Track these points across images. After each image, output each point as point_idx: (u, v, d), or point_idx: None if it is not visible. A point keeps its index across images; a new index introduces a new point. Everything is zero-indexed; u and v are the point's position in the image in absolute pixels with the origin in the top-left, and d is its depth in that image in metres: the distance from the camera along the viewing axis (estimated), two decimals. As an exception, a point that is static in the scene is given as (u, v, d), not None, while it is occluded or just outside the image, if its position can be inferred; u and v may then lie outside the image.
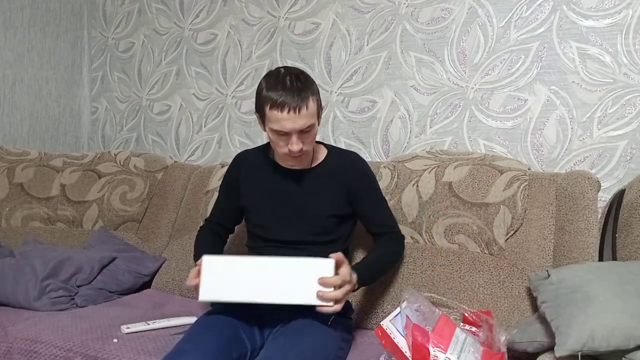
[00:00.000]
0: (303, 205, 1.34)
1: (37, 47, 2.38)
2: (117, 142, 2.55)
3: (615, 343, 1.01)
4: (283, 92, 1.19)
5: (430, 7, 1.88)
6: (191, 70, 2.35)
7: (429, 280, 1.49)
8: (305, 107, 1.20)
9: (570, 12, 1.68)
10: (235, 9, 2.25)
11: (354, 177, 1.38)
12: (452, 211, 1.55)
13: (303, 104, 1.19)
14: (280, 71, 1.25)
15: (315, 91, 1.26)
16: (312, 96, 1.22)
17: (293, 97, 1.19)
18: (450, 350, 1.08)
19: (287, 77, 1.22)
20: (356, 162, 1.42)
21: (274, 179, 1.38)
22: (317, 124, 1.27)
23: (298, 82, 1.21)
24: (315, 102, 1.24)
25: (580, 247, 1.38)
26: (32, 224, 2.04)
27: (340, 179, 1.36)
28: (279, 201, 1.36)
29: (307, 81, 1.24)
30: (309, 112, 1.21)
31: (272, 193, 1.37)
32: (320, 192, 1.35)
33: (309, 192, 1.35)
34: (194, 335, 1.14)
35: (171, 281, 1.81)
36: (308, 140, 1.26)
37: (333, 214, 1.35)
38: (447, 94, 1.86)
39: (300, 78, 1.23)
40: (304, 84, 1.22)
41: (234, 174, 1.46)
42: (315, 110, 1.24)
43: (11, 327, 1.39)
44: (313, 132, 1.26)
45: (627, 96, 1.61)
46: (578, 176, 1.48)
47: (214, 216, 1.52)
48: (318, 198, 1.35)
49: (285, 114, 1.19)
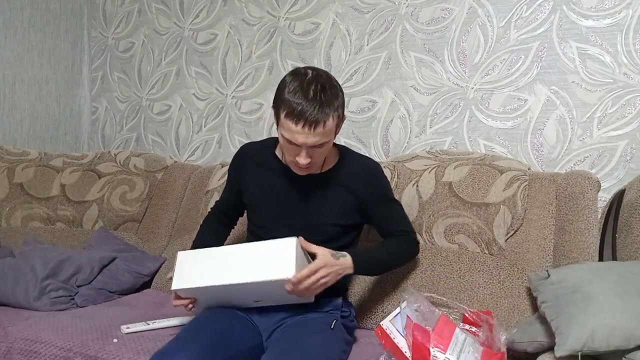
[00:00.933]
0: (308, 212, 1.30)
1: (37, 47, 2.38)
2: (117, 142, 2.55)
3: (615, 343, 1.01)
4: (303, 103, 1.11)
5: (430, 7, 1.88)
6: (191, 70, 2.35)
7: (429, 280, 1.49)
8: (323, 125, 1.12)
9: (570, 12, 1.68)
10: (235, 9, 2.25)
11: (365, 187, 1.31)
12: (452, 211, 1.54)
13: (321, 121, 1.12)
14: (307, 75, 1.16)
15: (339, 106, 1.17)
16: (333, 113, 1.14)
17: (312, 111, 1.11)
18: (450, 350, 1.08)
19: (313, 85, 1.13)
20: (369, 170, 1.34)
21: (280, 181, 1.32)
22: (332, 138, 1.20)
23: (323, 94, 1.12)
24: (335, 118, 1.16)
25: (580, 247, 1.38)
26: (32, 224, 2.04)
27: (350, 188, 1.31)
28: (284, 205, 1.32)
29: (332, 94, 1.15)
30: (325, 130, 1.14)
31: (277, 196, 1.32)
32: (327, 200, 1.30)
33: (316, 199, 1.30)
34: (185, 335, 1.14)
35: (171, 281, 1.80)
36: (318, 154, 1.20)
37: (339, 224, 1.31)
38: (447, 94, 1.86)
39: (325, 89, 1.14)
40: (329, 97, 1.14)
41: (237, 166, 1.41)
42: (333, 127, 1.17)
43: (11, 327, 1.39)
44: (326, 147, 1.20)
45: (627, 96, 1.61)
46: (578, 176, 1.48)
47: (220, 204, 1.51)
48: (325, 206, 1.30)
49: (300, 128, 1.12)
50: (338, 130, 1.24)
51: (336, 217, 1.31)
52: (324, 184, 1.31)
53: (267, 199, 1.34)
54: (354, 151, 1.40)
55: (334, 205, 1.31)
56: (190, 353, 1.05)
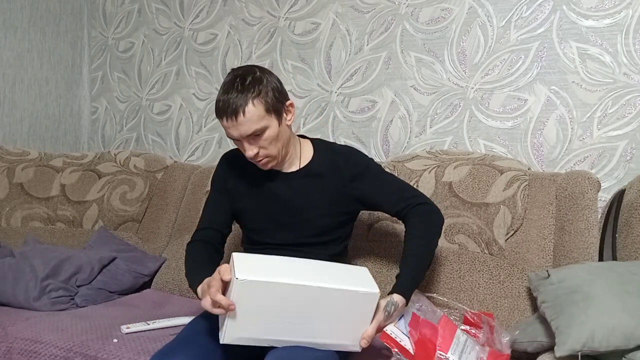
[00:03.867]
0: (296, 208, 1.29)
1: (37, 47, 2.38)
2: (117, 142, 2.55)
3: (615, 343, 1.01)
4: (223, 97, 1.15)
5: (430, 7, 1.88)
6: (191, 70, 2.35)
7: (429, 280, 1.49)
8: (242, 114, 1.13)
9: (570, 12, 1.68)
10: (235, 9, 2.25)
11: (345, 169, 1.29)
12: (452, 211, 1.55)
13: (239, 108, 1.13)
14: (234, 70, 1.20)
15: (263, 90, 1.16)
16: (254, 98, 1.14)
17: (230, 103, 1.13)
18: (451, 350, 1.08)
19: (231, 77, 1.17)
20: (343, 153, 1.33)
21: (264, 183, 1.32)
22: (274, 125, 1.18)
23: (241, 84, 1.14)
24: (260, 104, 1.15)
25: (580, 247, 1.38)
26: (32, 224, 2.04)
27: (334, 179, 1.29)
28: (272, 205, 1.31)
29: (253, 80, 1.16)
30: (248, 118, 1.14)
31: (264, 197, 1.32)
32: (312, 194, 1.29)
33: (301, 195, 1.30)
34: (185, 335, 1.13)
35: (171, 281, 1.81)
36: (266, 143, 1.19)
37: (327, 215, 1.30)
38: (447, 94, 1.86)
39: (245, 79, 1.15)
40: (248, 85, 1.15)
41: (225, 173, 1.38)
42: (262, 113, 1.15)
43: (11, 327, 1.39)
44: (270, 134, 1.18)
45: (627, 96, 1.61)
46: (578, 176, 1.48)
47: (207, 223, 1.35)
48: (311, 200, 1.29)
49: (226, 122, 1.16)
50: (284, 117, 1.22)
51: (325, 207, 1.29)
52: (306, 178, 1.30)
53: (255, 201, 1.33)
54: (327, 141, 1.39)
55: (319, 198, 1.30)
56: (190, 353, 1.05)
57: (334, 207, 1.31)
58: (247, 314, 0.99)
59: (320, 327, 1.03)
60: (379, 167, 1.34)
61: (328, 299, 1.00)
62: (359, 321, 1.05)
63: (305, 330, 1.03)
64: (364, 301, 1.03)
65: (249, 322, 1.00)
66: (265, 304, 0.98)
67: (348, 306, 1.02)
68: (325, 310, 1.01)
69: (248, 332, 1.01)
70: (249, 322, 1.00)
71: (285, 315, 1.00)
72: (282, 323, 1.01)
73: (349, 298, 1.01)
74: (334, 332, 1.04)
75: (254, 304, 0.98)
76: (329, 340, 1.04)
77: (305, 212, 1.30)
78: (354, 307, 1.03)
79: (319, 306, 1.01)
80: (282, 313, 1.00)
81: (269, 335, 1.02)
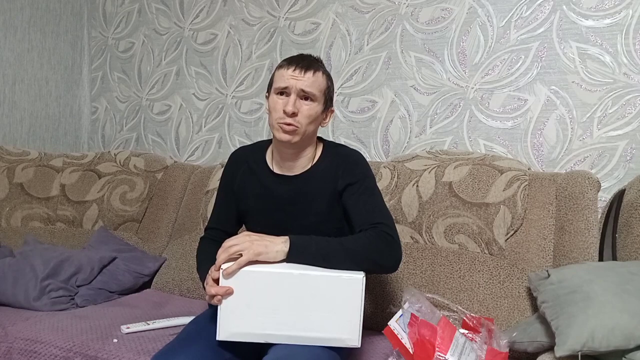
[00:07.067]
0: (298, 211, 1.29)
1: (37, 47, 2.38)
2: (117, 142, 2.55)
3: (615, 343, 1.01)
4: (294, 57, 1.24)
5: (430, 7, 1.88)
6: (191, 70, 2.35)
7: (429, 280, 1.49)
8: (312, 72, 1.21)
9: (570, 12, 1.68)
10: (235, 9, 2.25)
11: (342, 174, 1.27)
12: (452, 211, 1.55)
13: (312, 68, 1.21)
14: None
15: (328, 75, 1.27)
16: (323, 73, 1.24)
17: (306, 59, 1.23)
18: (450, 352, 1.08)
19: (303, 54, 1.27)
20: (348, 158, 1.30)
21: (268, 185, 1.31)
22: (319, 108, 1.23)
23: (315, 60, 1.26)
24: (324, 79, 1.24)
25: (580, 247, 1.38)
26: (32, 224, 2.04)
27: (332, 181, 1.28)
28: (275, 208, 1.30)
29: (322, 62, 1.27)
30: (315, 79, 1.21)
31: (267, 200, 1.31)
32: (314, 197, 1.28)
33: (303, 198, 1.29)
34: (186, 335, 1.13)
35: (171, 281, 1.81)
36: (305, 112, 1.21)
37: (328, 219, 1.29)
38: (447, 94, 1.86)
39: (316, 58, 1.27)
40: (320, 63, 1.26)
41: (232, 173, 1.39)
42: (323, 87, 1.24)
43: (11, 327, 1.39)
44: (312, 108, 1.21)
45: (627, 96, 1.61)
46: (578, 176, 1.48)
47: (214, 222, 1.40)
48: (312, 203, 1.28)
49: (291, 71, 1.20)
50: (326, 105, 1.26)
51: (325, 212, 1.28)
52: (308, 181, 1.29)
53: (259, 203, 1.32)
54: (338, 143, 1.37)
55: (320, 201, 1.28)
56: (190, 353, 1.05)
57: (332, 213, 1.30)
58: (237, 306, 1.04)
59: (311, 318, 1.05)
60: (370, 184, 1.27)
61: (313, 288, 1.04)
62: (348, 310, 1.05)
63: (298, 324, 1.05)
64: (348, 286, 1.05)
65: (240, 314, 1.04)
66: (253, 295, 1.04)
67: (334, 294, 1.04)
68: (313, 301, 1.04)
69: (242, 327, 1.05)
70: (240, 315, 1.04)
71: (275, 307, 1.04)
72: (274, 316, 1.04)
73: (333, 284, 1.04)
74: (326, 323, 1.05)
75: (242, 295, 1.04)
76: (323, 333, 1.05)
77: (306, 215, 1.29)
78: (340, 294, 1.04)
79: (305, 296, 1.04)
80: (271, 304, 1.04)
81: (264, 329, 1.05)
